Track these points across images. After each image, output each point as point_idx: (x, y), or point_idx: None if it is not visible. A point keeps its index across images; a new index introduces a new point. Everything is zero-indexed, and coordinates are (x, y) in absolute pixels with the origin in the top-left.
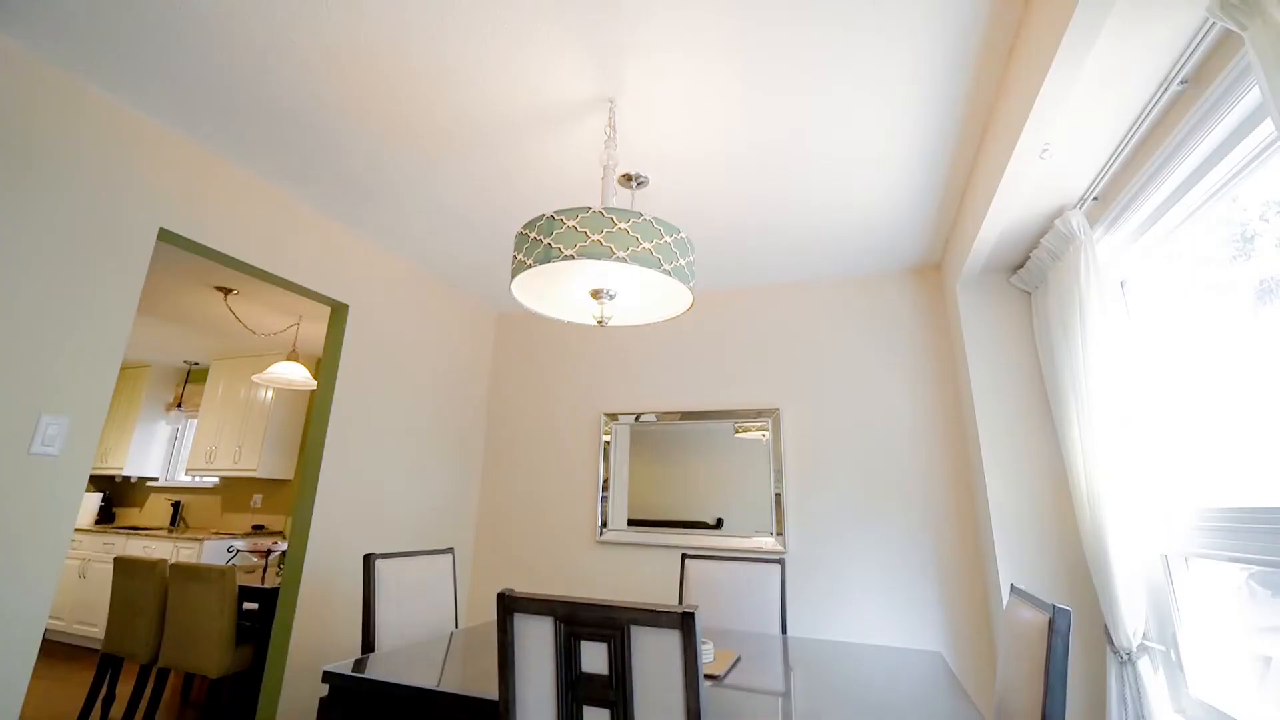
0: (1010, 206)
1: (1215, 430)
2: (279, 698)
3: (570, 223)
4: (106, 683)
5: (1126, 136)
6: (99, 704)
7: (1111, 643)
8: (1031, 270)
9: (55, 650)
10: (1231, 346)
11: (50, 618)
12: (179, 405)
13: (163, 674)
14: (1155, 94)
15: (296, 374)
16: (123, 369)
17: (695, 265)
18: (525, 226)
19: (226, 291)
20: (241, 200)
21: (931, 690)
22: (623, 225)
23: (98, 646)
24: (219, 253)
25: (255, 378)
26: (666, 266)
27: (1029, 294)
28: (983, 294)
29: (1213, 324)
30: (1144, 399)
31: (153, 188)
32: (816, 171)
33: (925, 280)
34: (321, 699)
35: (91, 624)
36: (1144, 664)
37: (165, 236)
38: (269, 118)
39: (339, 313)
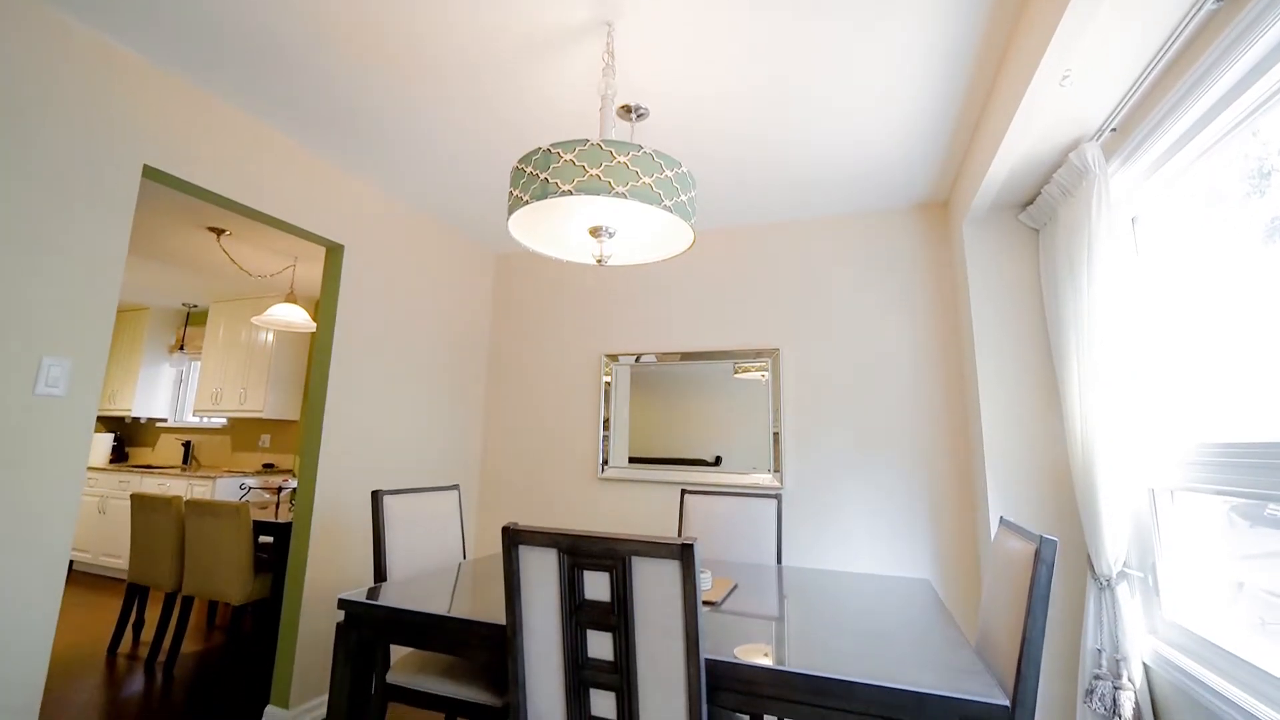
0: (1024, 139)
1: (1214, 367)
2: (298, 623)
3: (568, 156)
4: (135, 609)
5: (1153, 61)
6: (129, 628)
7: (1093, 570)
8: (1041, 206)
9: (84, 580)
10: (1237, 284)
11: (76, 550)
12: (181, 347)
13: (187, 601)
14: (1189, 12)
15: (295, 316)
16: (121, 311)
17: (697, 202)
18: (521, 161)
19: (219, 232)
20: (228, 137)
21: (919, 614)
22: (622, 159)
23: (123, 576)
24: (206, 190)
25: (254, 320)
26: (667, 202)
27: (1036, 232)
28: (990, 231)
29: (1221, 261)
30: (1146, 336)
31: (135, 124)
32: (823, 104)
33: (931, 217)
34: (338, 624)
35: (116, 555)
36: (1122, 589)
37: (150, 174)
38: (254, 51)
39: (334, 254)
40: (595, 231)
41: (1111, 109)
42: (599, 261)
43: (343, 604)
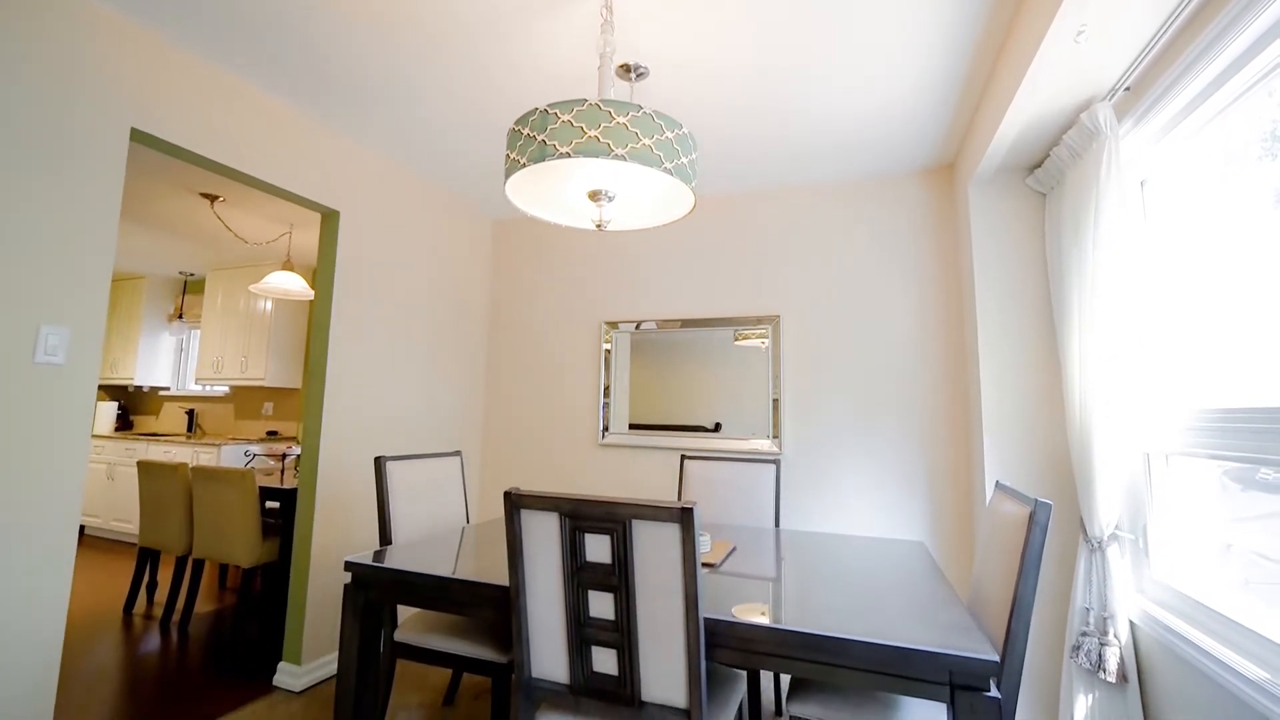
0: (1035, 99)
1: (1216, 332)
2: (307, 585)
3: (565, 117)
4: (148, 571)
5: (1172, 15)
6: (143, 590)
7: (1085, 533)
8: (1049, 170)
9: (97, 544)
10: (1245, 249)
11: (87, 516)
12: (180, 316)
13: (198, 563)
14: None
15: (293, 284)
16: (118, 280)
17: (698, 165)
18: (518, 122)
19: (213, 199)
20: (218, 100)
21: (913, 574)
22: (621, 119)
23: (135, 541)
24: (196, 154)
25: (252, 288)
26: (667, 165)
27: (1043, 196)
28: (996, 195)
29: (1229, 226)
30: (1150, 301)
31: (121, 86)
32: (826, 63)
33: (936, 182)
34: (346, 586)
35: (126, 520)
36: (1112, 550)
37: (138, 138)
38: (243, 11)
39: (329, 220)
40: (594, 195)
41: (1126, 67)
42: (598, 226)
43: (349, 566)
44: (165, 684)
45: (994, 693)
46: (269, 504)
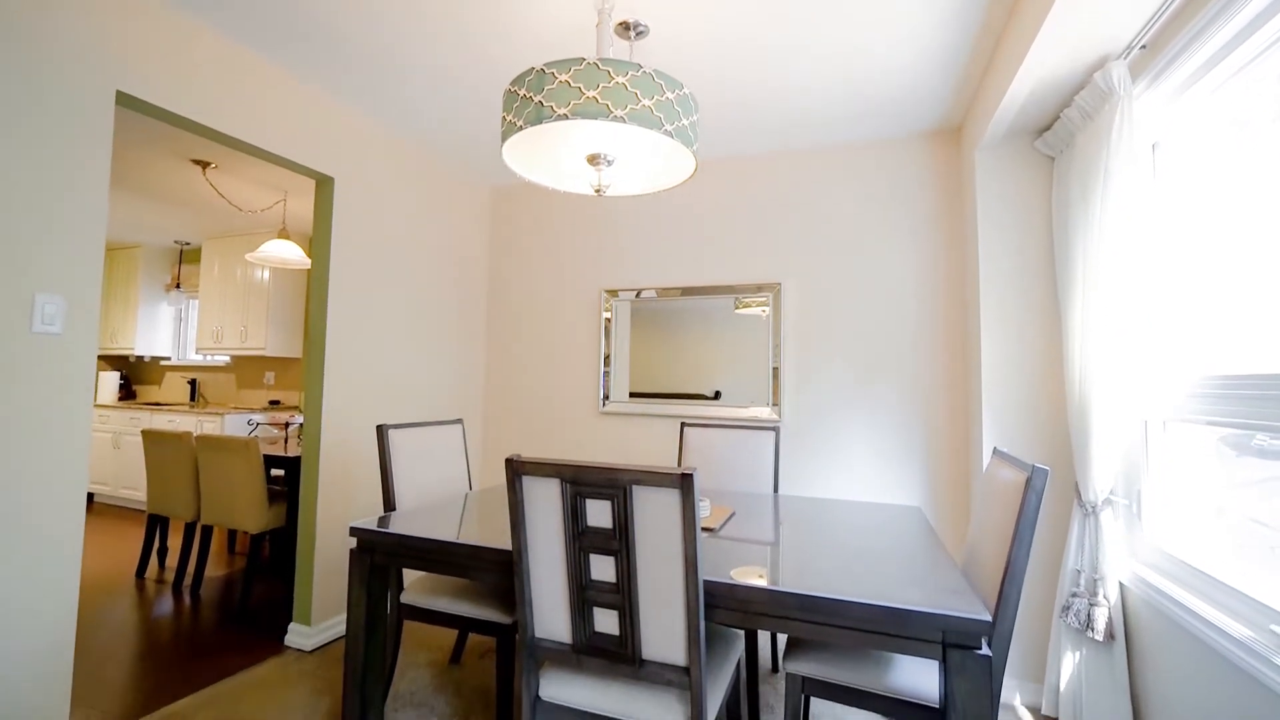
0: (1049, 57)
1: (1222, 298)
2: (314, 549)
3: (563, 77)
4: (158, 537)
5: None
6: (154, 555)
7: (1080, 498)
8: (1059, 132)
9: (106, 511)
10: (1257, 212)
11: (96, 483)
12: (178, 286)
13: (207, 529)
14: None
15: (289, 253)
16: (113, 249)
17: (699, 127)
18: (514, 83)
19: (204, 165)
20: (205, 62)
21: (909, 539)
22: (620, 79)
23: (144, 508)
24: (185, 118)
25: (248, 257)
26: (668, 127)
27: (1051, 160)
28: (1003, 158)
29: (1242, 189)
30: (1155, 266)
31: (106, 47)
32: (833, 23)
33: (941, 145)
34: (351, 550)
35: (134, 488)
36: (1106, 515)
37: (124, 101)
38: None
39: (324, 186)
40: (593, 159)
41: (1144, 23)
42: (597, 191)
43: (354, 532)
44: (180, 644)
45: (985, 650)
46: (274, 471)
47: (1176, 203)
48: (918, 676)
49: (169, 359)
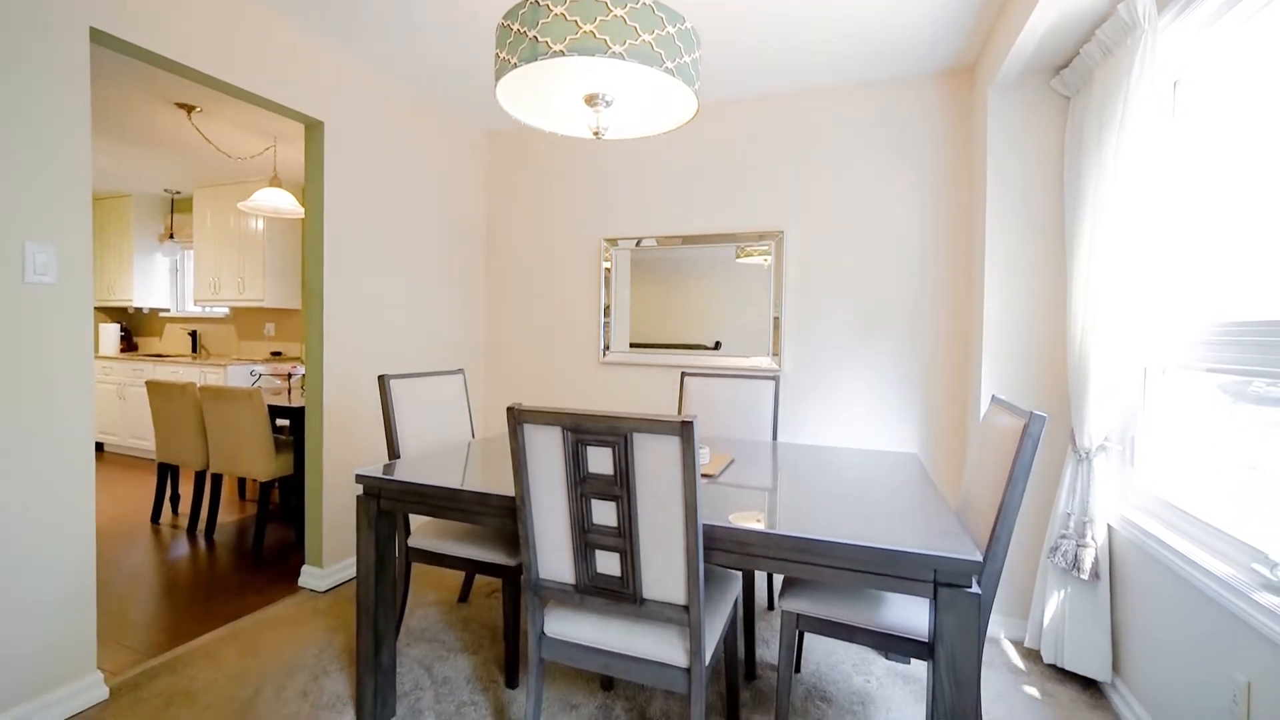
0: None
1: (1234, 242)
2: (322, 495)
3: (558, 10)
4: (169, 485)
5: None
6: (167, 502)
7: (1074, 444)
8: (1077, 70)
9: (117, 461)
10: (1274, 157)
11: (104, 434)
12: (171, 236)
13: (217, 477)
14: None
15: (282, 201)
16: (102, 199)
17: (701, 65)
18: (506, 16)
19: (189, 109)
20: None
21: (905, 484)
22: (618, 11)
23: (154, 457)
24: (164, 58)
25: (241, 205)
26: (669, 64)
27: (1067, 100)
28: (1017, 99)
29: (1262, 132)
30: (1166, 209)
31: None
32: None
33: (953, 86)
34: (358, 496)
35: (143, 438)
36: (1099, 460)
37: (99, 39)
38: None
39: (314, 131)
40: (591, 100)
41: None
42: (596, 134)
43: (360, 479)
44: (199, 585)
45: (975, 589)
46: (279, 421)
47: (1194, 143)
48: (908, 613)
49: (168, 311)
